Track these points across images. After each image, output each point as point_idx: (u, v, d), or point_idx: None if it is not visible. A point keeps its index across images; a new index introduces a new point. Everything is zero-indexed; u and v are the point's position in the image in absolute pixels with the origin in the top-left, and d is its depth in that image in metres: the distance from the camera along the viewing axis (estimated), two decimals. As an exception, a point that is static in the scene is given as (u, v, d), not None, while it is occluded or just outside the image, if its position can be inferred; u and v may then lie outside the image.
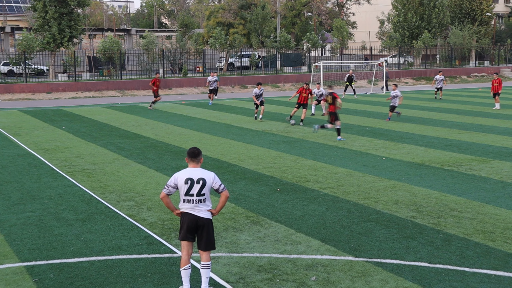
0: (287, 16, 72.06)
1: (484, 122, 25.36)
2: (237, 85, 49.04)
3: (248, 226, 10.69)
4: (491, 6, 78.47)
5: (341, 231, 10.33)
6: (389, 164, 16.40)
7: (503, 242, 9.71)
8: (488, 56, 72.24)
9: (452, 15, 75.05)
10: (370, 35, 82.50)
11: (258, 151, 18.51)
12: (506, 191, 13.15)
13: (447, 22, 72.09)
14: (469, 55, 70.91)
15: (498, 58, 69.39)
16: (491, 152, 18.12)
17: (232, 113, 30.29)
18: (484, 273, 8.36)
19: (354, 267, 8.61)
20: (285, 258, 9.03)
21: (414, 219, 11.06)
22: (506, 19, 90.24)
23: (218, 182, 7.63)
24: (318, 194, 13.03)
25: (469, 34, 69.03)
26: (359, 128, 23.75)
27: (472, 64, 69.77)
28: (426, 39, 63.91)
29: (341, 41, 62.71)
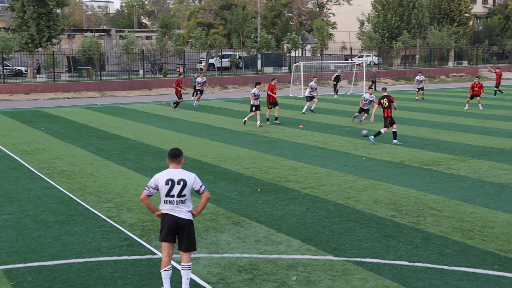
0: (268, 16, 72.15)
1: (462, 122, 25.62)
2: (217, 85, 48.99)
3: (229, 226, 10.68)
4: (469, 7, 79.38)
5: (322, 231, 10.37)
6: (369, 163, 16.50)
7: (481, 240, 9.81)
8: (466, 57, 73.03)
9: (431, 16, 75.80)
10: (350, 36, 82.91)
11: (238, 152, 18.50)
12: (484, 190, 13.30)
13: (426, 22, 72.78)
14: (447, 55, 71.62)
15: (476, 58, 70.15)
16: (469, 151, 18.31)
17: (213, 113, 30.25)
18: (463, 271, 8.45)
19: (334, 267, 8.64)
20: (265, 258, 9.03)
21: (393, 218, 11.13)
22: (484, 20, 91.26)
23: (199, 183, 7.61)
24: (298, 194, 13.06)
25: (448, 35, 69.73)
26: (339, 128, 23.85)
27: (451, 64, 70.48)
28: (405, 39, 64.43)
29: (321, 42, 62.94)
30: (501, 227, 10.48)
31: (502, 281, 8.09)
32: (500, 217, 11.11)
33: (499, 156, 17.37)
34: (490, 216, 11.18)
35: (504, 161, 16.66)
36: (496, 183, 13.98)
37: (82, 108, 33.63)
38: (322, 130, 23.43)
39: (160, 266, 7.70)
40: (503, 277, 8.23)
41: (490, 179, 14.34)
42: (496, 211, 11.55)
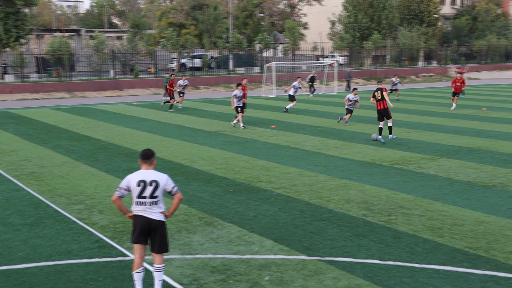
0: (239, 17, 72.14)
1: (432, 121, 25.95)
2: (189, 86, 48.75)
3: (201, 227, 10.65)
4: (438, 8, 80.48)
5: (294, 231, 10.40)
6: (341, 163, 16.61)
7: (450, 237, 9.95)
8: (435, 57, 74.01)
9: (401, 17, 76.68)
10: (322, 36, 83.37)
11: (210, 152, 18.46)
12: (453, 188, 13.49)
13: (396, 23, 73.60)
14: (417, 55, 72.50)
15: (445, 58, 71.13)
16: (439, 150, 18.56)
17: (184, 114, 30.13)
18: (433, 269, 8.55)
19: (307, 266, 8.68)
20: (238, 258, 9.02)
21: (365, 217, 11.22)
22: (452, 21, 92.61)
23: (171, 184, 7.57)
24: (270, 194, 13.09)
25: (418, 35, 70.63)
26: (311, 128, 23.97)
27: (421, 64, 71.34)
28: (376, 40, 65.05)
29: (293, 42, 63.17)
30: (470, 225, 10.65)
31: (471, 277, 8.21)
32: (469, 215, 11.28)
33: (468, 155, 17.64)
34: (459, 214, 11.35)
35: (473, 159, 16.93)
36: (465, 181, 14.19)
37: (51, 109, 33.19)
38: (294, 130, 23.52)
39: (132, 268, 7.64)
40: (472, 273, 8.36)
41: (459, 178, 14.55)
42: (465, 209, 11.73)
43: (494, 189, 13.43)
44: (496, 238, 9.90)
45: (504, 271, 8.43)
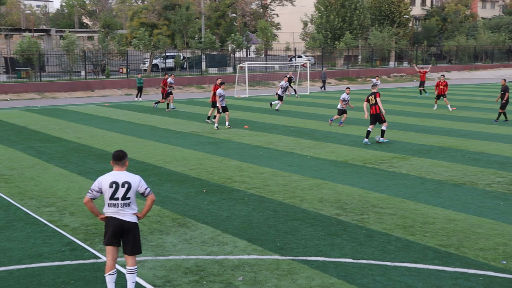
0: (212, 17, 72.00)
1: (403, 121, 26.23)
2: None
3: (175, 228, 10.59)
4: (409, 8, 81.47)
5: (268, 231, 10.41)
6: (314, 163, 16.68)
7: (422, 235, 10.07)
8: (406, 57, 74.86)
9: (373, 17, 77.43)
10: (294, 36, 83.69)
11: (183, 153, 18.38)
12: (424, 187, 13.65)
13: (367, 24, 74.28)
14: (388, 56, 73.25)
15: (416, 58, 71.97)
16: (410, 149, 18.77)
17: (157, 114, 29.96)
18: (405, 266, 8.64)
19: (280, 266, 8.69)
20: (212, 259, 9.00)
21: (338, 216, 11.29)
22: (423, 21, 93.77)
23: (143, 185, 7.52)
24: (244, 194, 13.08)
25: (389, 36, 71.35)
26: (284, 128, 24.03)
27: (392, 64, 72.07)
28: (348, 40, 65.52)
29: (265, 42, 63.27)
30: (441, 223, 10.78)
31: (442, 275, 8.32)
32: (440, 213, 11.43)
33: (439, 154, 17.87)
34: (430, 213, 11.49)
35: (444, 158, 17.16)
36: (436, 180, 14.37)
37: (21, 110, 32.70)
38: (267, 130, 23.55)
39: (105, 270, 7.57)
40: (443, 271, 8.47)
41: (430, 177, 14.73)
42: (436, 207, 11.88)
43: (464, 187, 13.63)
44: (467, 236, 10.04)
45: (474, 268, 8.56)
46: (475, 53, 78.69)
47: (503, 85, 25.91)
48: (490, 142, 20.02)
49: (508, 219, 11.04)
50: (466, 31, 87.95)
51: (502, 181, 14.21)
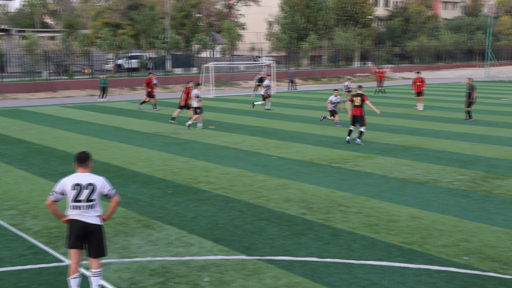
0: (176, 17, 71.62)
1: (368, 120, 26.42)
2: (126, 87, 48.07)
3: (140, 230, 10.50)
4: (372, 9, 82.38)
5: (234, 231, 10.40)
6: (280, 163, 16.73)
7: (386, 233, 10.19)
8: (370, 57, 75.66)
9: (337, 18, 78.09)
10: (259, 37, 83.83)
11: (148, 154, 18.24)
12: (389, 185, 13.82)
13: (332, 24, 74.87)
14: (353, 56, 73.95)
15: (379, 59, 72.83)
16: (375, 148, 18.98)
17: (122, 115, 29.65)
18: (370, 264, 8.73)
19: (247, 266, 8.69)
20: (178, 260, 8.95)
21: (304, 215, 11.34)
22: (386, 22, 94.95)
23: (108, 187, 7.43)
24: (210, 195, 13.04)
25: (353, 36, 72.06)
26: (250, 128, 24.04)
27: (356, 64, 72.77)
28: (312, 40, 65.91)
29: (230, 42, 63.23)
30: (405, 221, 10.93)
31: (406, 272, 8.43)
32: (404, 211, 11.58)
33: (403, 153, 18.11)
34: (394, 211, 11.63)
35: (407, 157, 17.40)
36: (400, 178, 14.56)
37: (-19, 112, 31.99)
38: (233, 130, 23.54)
39: (68, 274, 7.46)
40: (407, 268, 8.58)
41: (394, 175, 14.92)
42: (400, 205, 12.04)
43: (427, 185, 13.84)
44: (430, 233, 10.20)
45: (437, 265, 8.70)
46: (437, 53, 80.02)
47: (469, 84, 26.26)
48: (452, 141, 20.39)
49: (469, 216, 11.25)
50: (428, 31, 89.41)
51: (464, 178, 14.48)
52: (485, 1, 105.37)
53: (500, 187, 13.58)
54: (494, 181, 14.14)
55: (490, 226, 10.57)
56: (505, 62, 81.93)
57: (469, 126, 24.23)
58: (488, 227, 10.51)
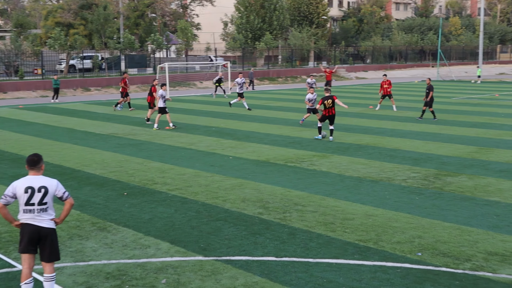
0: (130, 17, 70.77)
1: (323, 120, 26.70)
2: (79, 88, 47.25)
3: (95, 233, 10.34)
4: (327, 10, 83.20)
5: (190, 232, 10.35)
6: (236, 163, 16.74)
7: (342, 232, 10.31)
8: (325, 57, 76.44)
9: (292, 18, 78.55)
10: (215, 37, 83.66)
11: (103, 155, 17.98)
12: (344, 184, 13.99)
13: (287, 24, 75.28)
14: (308, 56, 74.54)
15: (334, 59, 73.62)
16: (330, 147, 19.18)
17: (75, 116, 29.14)
18: (326, 262, 8.82)
19: (204, 267, 8.66)
20: (134, 263, 8.85)
21: (261, 215, 11.37)
22: (340, 22, 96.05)
23: (61, 189, 7.29)
24: (166, 196, 12.95)
25: (308, 36, 72.61)
26: (206, 129, 23.97)
27: (311, 64, 73.36)
28: (268, 40, 66.12)
29: (185, 43, 62.88)
30: (360, 219, 11.08)
31: (362, 269, 8.55)
32: (359, 209, 11.74)
33: (357, 152, 18.36)
34: (350, 209, 11.78)
35: (362, 156, 17.64)
36: (355, 177, 14.75)
37: None
38: (188, 131, 23.42)
39: (20, 279, 7.28)
40: (362, 265, 8.70)
41: (349, 174, 15.11)
42: (356, 203, 12.20)
43: (381, 183, 14.07)
44: (384, 230, 10.37)
45: (391, 261, 8.85)
46: (390, 53, 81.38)
47: (428, 84, 26.74)
48: (405, 139, 20.77)
49: (422, 212, 11.49)
50: (381, 32, 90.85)
51: (417, 176, 14.77)
52: (435, 2, 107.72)
53: (451, 184, 13.91)
54: (445, 178, 14.48)
55: (442, 222, 10.82)
56: (455, 62, 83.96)
57: (421, 125, 24.73)
58: (440, 223, 10.75)
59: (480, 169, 15.63)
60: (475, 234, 10.14)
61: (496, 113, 29.08)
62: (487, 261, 8.84)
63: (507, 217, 11.14)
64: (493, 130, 22.91)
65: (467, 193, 13.04)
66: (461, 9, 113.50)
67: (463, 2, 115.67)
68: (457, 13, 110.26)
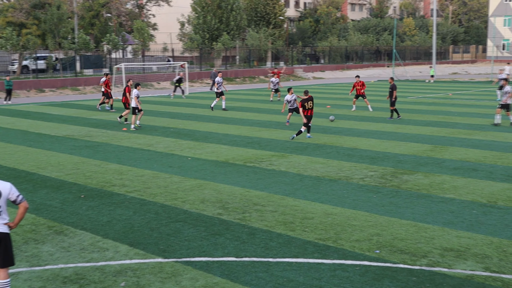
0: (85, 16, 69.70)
1: (281, 119, 26.86)
2: (33, 89, 46.25)
3: (51, 236, 10.14)
4: (283, 10, 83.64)
5: (150, 234, 10.25)
6: (195, 163, 16.66)
7: (302, 231, 10.37)
8: (283, 57, 76.79)
9: (249, 18, 78.73)
10: (172, 37, 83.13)
11: (59, 158, 17.65)
12: (303, 183, 14.08)
13: (244, 24, 75.37)
14: (265, 56, 74.75)
15: (292, 59, 74.06)
16: (288, 147, 19.27)
17: (29, 118, 28.51)
18: (287, 262, 8.85)
19: (164, 269, 8.59)
20: (92, 266, 8.71)
21: (220, 216, 11.34)
22: (297, 23, 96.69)
23: (15, 193, 7.12)
24: (124, 198, 12.79)
25: (265, 36, 72.83)
26: (164, 130, 23.79)
27: (269, 64, 73.59)
28: (225, 41, 66.05)
29: (142, 43, 62.29)
30: (319, 218, 11.17)
31: (322, 267, 8.62)
32: (318, 208, 11.83)
33: (315, 151, 18.50)
34: (309, 208, 11.86)
35: (320, 155, 17.79)
36: (313, 176, 14.86)
37: None
38: (146, 132, 23.19)
39: (-26, 286, 7.08)
40: (322, 263, 8.77)
41: (308, 173, 15.21)
42: (315, 202, 12.29)
43: (340, 182, 14.21)
44: (343, 228, 10.48)
45: (350, 259, 8.95)
46: (347, 54, 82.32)
47: (391, 84, 27.08)
48: (362, 138, 21.04)
49: (380, 210, 11.65)
50: (337, 32, 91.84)
51: (374, 174, 14.98)
52: (390, 4, 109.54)
53: (407, 182, 14.16)
54: (402, 177, 14.72)
55: (399, 220, 10.99)
56: (409, 62, 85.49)
57: (378, 124, 25.09)
58: (397, 221, 10.93)
59: (435, 167, 15.96)
60: (431, 230, 10.34)
61: (450, 112, 29.74)
62: (443, 257, 9.02)
63: (461, 214, 11.40)
64: (447, 129, 23.42)
65: (423, 190, 13.29)
66: (415, 10, 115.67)
67: (417, 3, 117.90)
68: (411, 14, 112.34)
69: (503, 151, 18.35)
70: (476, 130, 23.06)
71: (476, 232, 10.26)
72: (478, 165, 16.10)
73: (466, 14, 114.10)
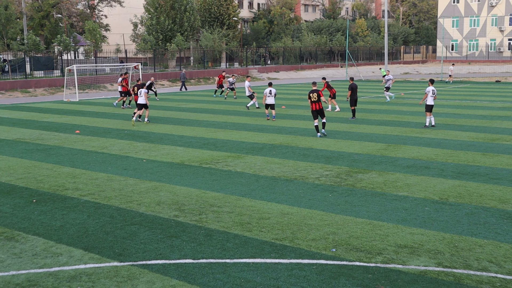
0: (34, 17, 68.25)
1: (237, 120, 26.88)
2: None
3: (2, 242, 9.87)
4: (237, 11, 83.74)
5: (105, 237, 10.09)
6: (150, 165, 16.49)
7: (258, 231, 10.39)
8: (237, 58, 76.86)
9: (203, 19, 78.53)
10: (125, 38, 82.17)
11: (9, 162, 17.20)
12: (259, 184, 14.10)
13: (198, 25, 75.12)
14: (220, 57, 74.68)
15: (246, 59, 74.18)
16: (244, 148, 19.28)
17: (-23, 122, 27.73)
18: (244, 262, 8.85)
19: (119, 272, 8.47)
20: (45, 272, 8.52)
21: (177, 218, 11.26)
22: (251, 24, 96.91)
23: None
24: (78, 201, 12.56)
25: (219, 37, 72.76)
26: (118, 132, 23.48)
27: (224, 65, 73.56)
28: (179, 41, 65.68)
29: (94, 44, 61.37)
30: (276, 218, 11.21)
31: (279, 267, 8.65)
32: (274, 208, 11.87)
33: (271, 151, 18.57)
34: (266, 208, 11.89)
35: (276, 155, 17.86)
36: (269, 176, 14.91)
37: None
38: (100, 134, 22.85)
39: None
40: (279, 263, 8.80)
41: (264, 173, 15.25)
42: (271, 203, 12.33)
43: (296, 182, 14.30)
44: (300, 228, 10.54)
45: (307, 258, 9.01)
46: (301, 54, 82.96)
47: (351, 83, 27.32)
48: (317, 138, 21.22)
49: (336, 209, 11.77)
50: (291, 33, 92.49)
51: (329, 174, 15.13)
52: (342, 5, 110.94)
53: (362, 180, 14.35)
54: (356, 175, 14.92)
55: (355, 218, 11.13)
56: (362, 63, 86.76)
57: (332, 124, 25.34)
58: (353, 219, 11.06)
59: (389, 165, 16.23)
60: (386, 228, 10.51)
61: (402, 111, 30.30)
62: (397, 254, 9.18)
63: (414, 211, 11.62)
64: (400, 128, 23.85)
65: (377, 189, 13.49)
66: (367, 12, 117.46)
67: (368, 4, 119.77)
68: (363, 15, 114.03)
69: (453, 149, 18.80)
70: (428, 129, 23.55)
71: (429, 228, 10.48)
72: (430, 163, 16.45)
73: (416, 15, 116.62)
